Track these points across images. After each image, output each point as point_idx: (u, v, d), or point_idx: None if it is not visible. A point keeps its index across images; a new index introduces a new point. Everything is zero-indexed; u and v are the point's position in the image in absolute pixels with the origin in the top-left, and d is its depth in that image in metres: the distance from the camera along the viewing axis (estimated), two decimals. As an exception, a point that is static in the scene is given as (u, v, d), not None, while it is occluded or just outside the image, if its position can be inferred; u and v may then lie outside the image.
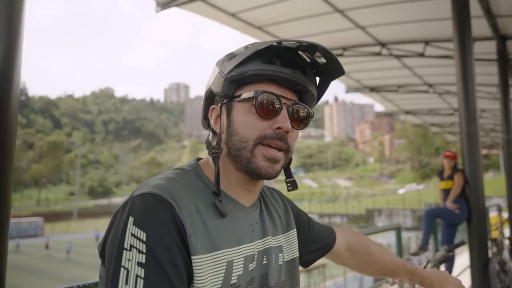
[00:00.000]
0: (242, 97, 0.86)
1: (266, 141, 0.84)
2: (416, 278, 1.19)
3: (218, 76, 0.89)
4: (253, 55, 0.85)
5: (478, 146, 4.07)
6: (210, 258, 0.78)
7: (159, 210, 0.74)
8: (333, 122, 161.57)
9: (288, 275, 0.98)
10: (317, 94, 0.94)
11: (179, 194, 0.78)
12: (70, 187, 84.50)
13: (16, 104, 0.90)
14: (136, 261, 0.70)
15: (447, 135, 22.53)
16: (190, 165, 0.91)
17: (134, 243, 0.71)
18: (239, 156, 0.85)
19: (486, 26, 5.88)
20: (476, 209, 4.07)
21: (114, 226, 0.76)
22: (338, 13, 6.09)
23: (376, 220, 42.70)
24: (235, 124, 0.86)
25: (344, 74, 0.93)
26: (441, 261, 1.91)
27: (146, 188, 0.78)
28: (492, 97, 10.17)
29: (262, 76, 0.85)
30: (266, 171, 0.85)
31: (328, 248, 1.15)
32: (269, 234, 0.94)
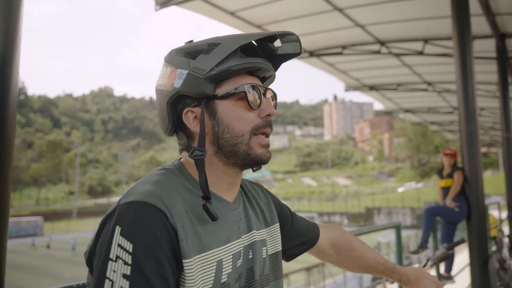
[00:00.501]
0: (227, 93, 0.86)
1: (258, 131, 0.88)
2: (395, 276, 1.23)
3: (191, 77, 0.85)
4: (233, 51, 0.85)
5: (477, 144, 4.07)
6: (200, 259, 0.78)
7: (148, 220, 0.72)
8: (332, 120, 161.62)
9: (272, 268, 0.99)
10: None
11: (169, 197, 0.77)
12: (70, 186, 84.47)
13: (14, 102, 0.90)
14: (122, 273, 0.69)
15: (446, 133, 22.55)
16: (174, 165, 0.90)
17: (120, 254, 0.70)
18: (235, 152, 0.86)
19: (486, 24, 5.88)
20: (476, 207, 4.07)
21: (101, 235, 0.75)
22: (337, 11, 6.09)
23: (376, 218, 42.75)
24: (226, 122, 0.86)
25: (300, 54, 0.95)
26: (441, 259, 1.91)
27: (134, 195, 0.76)
28: (492, 95, 10.18)
29: (242, 70, 0.87)
30: (265, 156, 0.89)
31: (311, 243, 1.15)
32: (254, 228, 0.95)
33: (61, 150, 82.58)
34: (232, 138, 0.86)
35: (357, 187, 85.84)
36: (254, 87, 0.88)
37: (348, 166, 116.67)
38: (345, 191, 79.20)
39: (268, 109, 0.89)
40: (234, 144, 0.86)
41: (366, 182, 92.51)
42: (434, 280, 1.20)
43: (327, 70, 9.32)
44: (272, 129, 0.92)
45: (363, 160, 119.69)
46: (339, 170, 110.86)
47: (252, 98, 0.87)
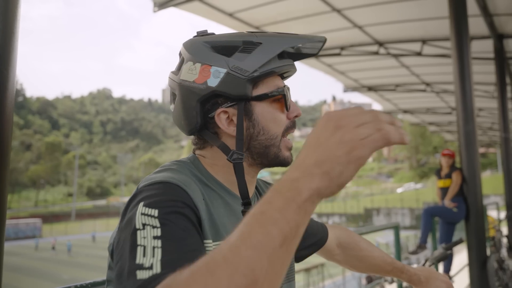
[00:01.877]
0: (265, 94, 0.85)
1: (287, 132, 0.89)
2: (404, 276, 1.19)
3: (230, 77, 0.83)
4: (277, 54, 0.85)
5: (475, 145, 4.08)
6: (215, 246, 0.76)
7: (172, 192, 0.71)
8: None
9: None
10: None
11: (187, 183, 0.75)
12: (68, 188, 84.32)
13: (11, 103, 0.90)
14: (152, 236, 0.64)
15: (445, 134, 22.58)
16: (188, 158, 0.90)
17: (147, 221, 0.65)
18: (265, 153, 0.87)
19: (483, 24, 5.89)
20: (474, 207, 4.08)
21: (124, 222, 0.70)
22: (335, 12, 6.09)
23: (375, 219, 42.76)
24: (262, 124, 0.86)
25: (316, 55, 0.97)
26: (439, 259, 1.91)
27: (153, 179, 0.74)
28: (490, 96, 10.20)
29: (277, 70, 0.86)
30: (290, 159, 0.89)
31: (320, 243, 1.14)
32: None
33: (60, 152, 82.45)
34: (267, 140, 0.86)
35: (356, 187, 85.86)
36: (287, 89, 0.88)
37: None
38: (344, 191, 79.18)
39: (296, 110, 0.90)
40: (267, 146, 0.86)
41: (365, 182, 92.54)
42: (445, 280, 1.18)
43: (326, 71, 9.33)
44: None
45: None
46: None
47: (287, 100, 0.88)
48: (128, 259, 0.63)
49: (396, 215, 40.33)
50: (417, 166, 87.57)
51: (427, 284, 1.17)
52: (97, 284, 1.07)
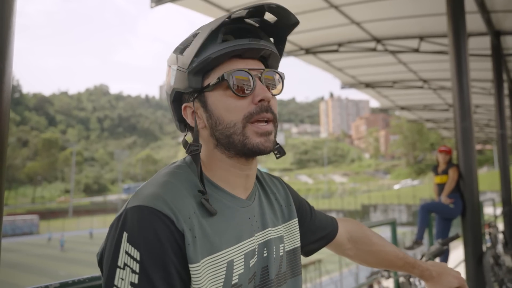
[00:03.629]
0: (213, 84, 0.82)
1: (253, 118, 0.82)
2: (416, 271, 1.19)
3: (179, 73, 0.85)
4: (207, 38, 0.81)
5: (472, 141, 4.09)
6: (209, 261, 0.76)
7: (153, 226, 0.71)
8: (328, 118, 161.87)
9: (289, 265, 0.96)
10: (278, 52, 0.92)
11: (176, 200, 0.75)
12: (65, 184, 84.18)
13: (8, 99, 0.89)
14: (129, 281, 0.69)
15: (442, 130, 22.65)
16: (185, 161, 0.88)
17: (128, 262, 0.70)
18: (231, 143, 0.83)
19: (481, 21, 5.90)
20: (471, 203, 4.10)
21: (109, 239, 0.74)
22: (333, 8, 6.09)
23: (372, 215, 42.92)
24: (216, 113, 0.83)
25: (299, 23, 0.89)
26: (436, 255, 1.92)
27: (141, 199, 0.75)
28: (487, 93, 10.23)
29: (225, 56, 0.82)
30: (264, 145, 0.83)
31: (330, 237, 1.13)
32: (269, 225, 0.92)
33: (57, 148, 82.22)
34: (225, 130, 0.83)
35: (353, 184, 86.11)
36: (242, 72, 0.82)
37: (344, 164, 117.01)
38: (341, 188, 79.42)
39: (261, 94, 0.82)
40: (229, 135, 0.83)
41: (362, 179, 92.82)
42: (457, 276, 1.17)
43: (323, 68, 9.32)
44: (274, 114, 0.85)
45: (359, 158, 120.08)
46: (335, 168, 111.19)
47: (239, 84, 0.81)
48: None
49: (393, 212, 40.47)
50: (414, 162, 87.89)
51: (439, 279, 1.16)
52: (94, 279, 1.07)
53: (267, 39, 0.89)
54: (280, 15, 0.87)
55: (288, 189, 1.07)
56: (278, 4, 0.84)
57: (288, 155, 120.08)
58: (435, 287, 1.17)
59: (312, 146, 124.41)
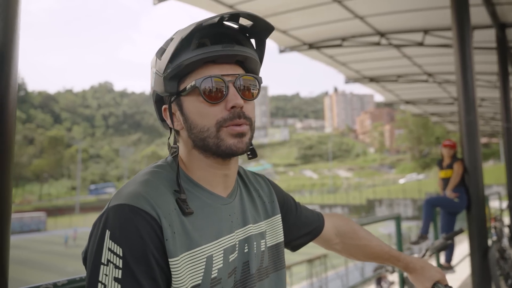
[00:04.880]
0: (187, 90, 0.84)
1: (226, 123, 0.84)
2: (401, 264, 1.24)
3: (156, 76, 0.87)
4: (180, 45, 0.82)
5: (477, 135, 4.08)
6: (188, 256, 0.79)
7: (134, 223, 0.74)
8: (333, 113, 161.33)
9: (272, 260, 0.99)
10: (258, 56, 0.93)
11: (156, 196, 0.78)
12: (72, 181, 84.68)
13: (14, 98, 0.91)
14: (113, 276, 0.71)
15: (447, 124, 22.51)
16: (166, 161, 0.92)
17: (111, 258, 0.72)
18: (206, 145, 0.85)
19: (485, 14, 5.84)
20: (476, 197, 4.09)
21: (92, 238, 0.77)
22: (336, 3, 6.05)
23: (377, 210, 42.85)
24: (190, 118, 0.86)
25: (273, 29, 0.90)
26: (440, 249, 1.93)
27: (122, 198, 0.77)
28: (492, 86, 10.14)
29: (198, 62, 0.83)
30: (237, 147, 0.85)
31: (316, 233, 1.16)
32: (250, 222, 0.95)
33: (63, 146, 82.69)
34: (199, 133, 0.85)
35: (358, 179, 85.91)
36: (212, 80, 0.83)
37: (349, 158, 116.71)
38: (346, 183, 79.30)
39: (233, 100, 0.83)
40: (203, 138, 0.85)
41: (367, 174, 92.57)
42: (439, 271, 1.22)
43: (327, 62, 9.29)
44: (248, 119, 0.86)
45: (364, 152, 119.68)
46: (340, 163, 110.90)
47: (210, 91, 0.83)
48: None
49: (398, 206, 40.39)
50: (419, 157, 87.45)
51: (422, 272, 1.21)
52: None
53: (246, 42, 0.90)
54: (255, 21, 0.88)
55: (272, 186, 1.10)
56: (251, 13, 0.85)
57: (292, 150, 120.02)
58: (418, 279, 1.22)
59: (317, 141, 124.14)
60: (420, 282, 1.21)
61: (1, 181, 0.91)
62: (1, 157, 0.90)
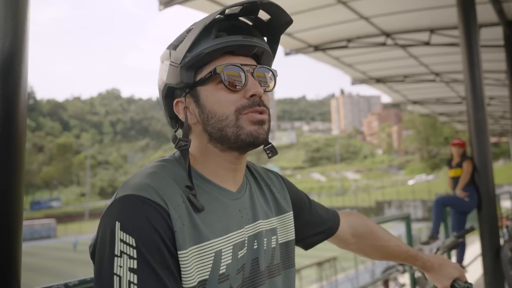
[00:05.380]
0: (205, 78, 0.83)
1: (245, 111, 0.83)
2: (418, 263, 1.22)
3: (171, 68, 0.86)
4: (200, 34, 0.81)
5: (486, 133, 4.04)
6: (196, 250, 0.77)
7: (145, 212, 0.72)
8: (340, 115, 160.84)
9: (282, 257, 0.97)
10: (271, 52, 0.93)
11: (164, 188, 0.77)
12: (81, 188, 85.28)
13: (24, 105, 0.91)
14: (128, 267, 0.69)
15: (456, 124, 22.33)
16: (174, 156, 0.90)
17: (124, 249, 0.70)
18: (224, 136, 0.84)
19: (492, 11, 5.80)
20: (486, 196, 4.04)
21: (101, 230, 0.74)
22: (341, 4, 6.06)
23: (386, 212, 42.52)
24: (208, 107, 0.84)
25: (292, 22, 0.89)
26: (451, 247, 1.91)
27: (129, 189, 0.76)
28: (501, 84, 10.05)
29: (218, 51, 0.83)
30: (258, 132, 0.84)
31: (331, 232, 1.14)
32: (260, 217, 0.93)
33: (71, 153, 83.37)
34: (217, 123, 0.83)
35: (366, 181, 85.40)
36: (234, 67, 0.83)
37: (357, 160, 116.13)
38: (355, 185, 78.87)
39: (253, 88, 0.83)
40: (221, 128, 0.83)
41: (376, 175, 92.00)
42: (457, 267, 1.20)
43: (333, 64, 9.28)
44: (268, 109, 0.86)
45: (372, 154, 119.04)
46: (348, 165, 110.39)
47: (231, 79, 0.82)
48: (105, 287, 0.69)
49: (408, 207, 40.04)
50: (428, 157, 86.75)
51: (440, 270, 1.19)
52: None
53: (261, 37, 0.90)
54: (273, 13, 0.87)
55: (284, 182, 1.08)
56: (271, 1, 0.84)
57: (300, 153, 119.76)
58: (437, 278, 1.20)
59: (324, 144, 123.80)
60: (439, 280, 1.19)
61: (13, 189, 0.91)
62: (12, 165, 0.91)
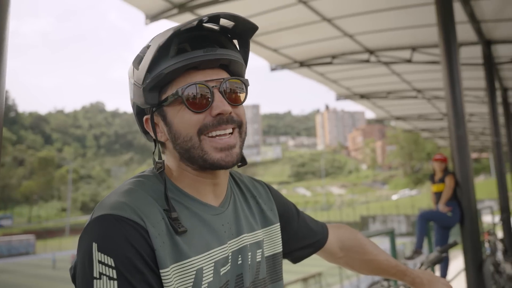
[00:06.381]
0: (168, 100, 0.80)
1: (209, 130, 0.80)
2: (408, 278, 1.20)
3: (135, 88, 0.83)
4: (158, 52, 0.77)
5: (467, 149, 4.12)
6: (177, 268, 0.74)
7: (122, 231, 0.70)
8: (324, 130, 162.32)
9: (269, 271, 0.94)
10: (242, 57, 0.89)
11: (141, 205, 0.74)
12: (62, 203, 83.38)
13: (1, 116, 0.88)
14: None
15: (437, 139, 22.75)
16: (153, 170, 0.86)
17: (103, 270, 0.68)
18: (191, 157, 0.81)
19: (471, 31, 5.99)
20: (468, 211, 4.10)
21: (79, 253, 0.72)
22: (326, 22, 6.17)
23: (371, 226, 42.69)
24: (174, 127, 0.81)
25: (258, 28, 0.86)
26: (435, 262, 1.92)
27: (105, 208, 0.73)
28: (480, 101, 10.32)
29: (179, 69, 0.78)
30: (225, 161, 0.80)
31: (318, 246, 1.11)
32: (244, 231, 0.89)
33: (53, 167, 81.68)
34: (183, 143, 0.80)
35: (351, 195, 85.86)
36: (195, 86, 0.78)
37: (341, 175, 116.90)
38: (340, 200, 79.17)
39: (219, 107, 0.79)
40: (187, 149, 0.80)
41: (360, 190, 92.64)
42: (446, 283, 1.19)
43: (318, 80, 9.40)
44: (235, 123, 0.82)
45: (357, 169, 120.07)
46: (333, 179, 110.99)
47: (194, 99, 0.78)
48: None
49: (392, 222, 40.31)
50: (411, 172, 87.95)
51: (429, 286, 1.17)
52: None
53: (229, 44, 0.85)
54: (237, 21, 0.83)
55: (271, 193, 1.05)
56: (232, 13, 0.81)
57: (285, 168, 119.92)
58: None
59: (309, 159, 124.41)
60: None
61: None
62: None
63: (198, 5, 5.30)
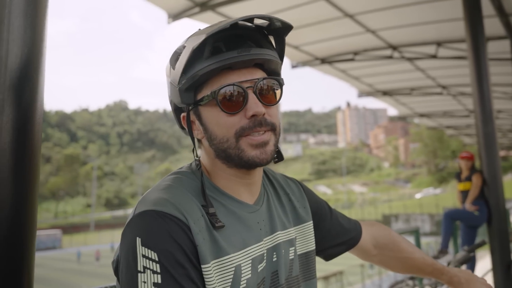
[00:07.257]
0: (204, 101, 0.81)
1: (246, 133, 0.80)
2: (445, 277, 1.17)
3: (172, 87, 0.85)
4: (193, 54, 0.77)
5: (495, 146, 4.01)
6: (217, 264, 0.76)
7: (165, 226, 0.72)
8: (346, 127, 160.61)
9: (302, 268, 0.95)
10: (278, 54, 0.88)
11: (183, 203, 0.76)
12: (87, 199, 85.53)
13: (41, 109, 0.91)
14: (152, 282, 0.69)
15: (463, 137, 22.20)
16: (190, 167, 0.88)
17: (147, 264, 0.69)
18: (228, 156, 0.82)
19: (499, 25, 5.81)
20: (496, 210, 4.00)
21: (123, 247, 0.74)
22: (348, 18, 6.10)
23: (393, 225, 42.05)
24: (210, 129, 0.82)
25: (292, 28, 0.84)
26: (462, 262, 1.88)
27: (147, 204, 0.75)
28: (508, 97, 10.02)
29: (214, 71, 0.79)
30: (260, 158, 0.81)
31: (352, 243, 1.10)
32: (278, 229, 0.90)
33: (78, 164, 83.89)
34: (220, 144, 0.82)
35: (373, 194, 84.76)
36: (230, 87, 0.79)
37: (363, 173, 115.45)
38: (361, 198, 78.29)
39: (252, 109, 0.79)
40: (224, 149, 0.81)
41: (382, 188, 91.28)
42: (485, 283, 1.15)
43: (340, 77, 9.32)
44: (271, 125, 0.82)
45: (379, 167, 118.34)
46: (355, 177, 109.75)
47: (228, 101, 0.79)
48: None
49: (415, 221, 39.60)
50: (435, 171, 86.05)
51: (467, 286, 1.15)
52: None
53: (264, 42, 0.84)
54: (271, 21, 0.83)
55: (304, 190, 1.04)
56: (266, 15, 0.80)
57: (306, 166, 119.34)
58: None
59: (330, 156, 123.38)
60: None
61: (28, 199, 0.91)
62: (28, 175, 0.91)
63: (219, 3, 5.33)
